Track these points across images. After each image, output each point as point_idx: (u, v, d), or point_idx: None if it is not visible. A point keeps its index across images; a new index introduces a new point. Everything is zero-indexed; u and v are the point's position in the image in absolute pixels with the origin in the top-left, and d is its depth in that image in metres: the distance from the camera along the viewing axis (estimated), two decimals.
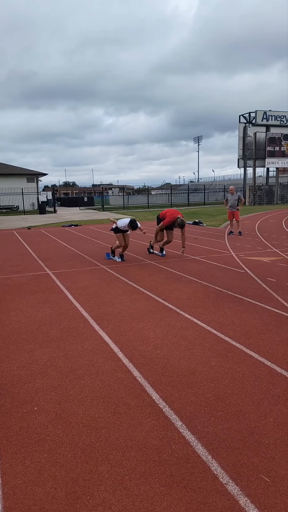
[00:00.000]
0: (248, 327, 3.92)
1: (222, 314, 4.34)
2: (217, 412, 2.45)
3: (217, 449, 2.10)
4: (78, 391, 2.75)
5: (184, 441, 2.17)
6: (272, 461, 2.01)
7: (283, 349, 3.36)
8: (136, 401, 2.60)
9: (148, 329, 3.94)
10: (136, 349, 3.45)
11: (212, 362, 3.14)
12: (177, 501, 1.76)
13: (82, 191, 78.03)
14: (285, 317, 4.22)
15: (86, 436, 2.24)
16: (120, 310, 4.58)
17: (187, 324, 4.06)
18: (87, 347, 3.51)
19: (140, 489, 1.84)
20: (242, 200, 11.76)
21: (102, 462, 2.03)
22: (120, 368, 3.09)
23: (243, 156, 31.69)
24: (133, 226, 7.45)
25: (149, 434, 2.25)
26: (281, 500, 1.76)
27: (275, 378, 2.87)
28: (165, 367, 3.08)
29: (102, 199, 33.98)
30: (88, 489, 1.85)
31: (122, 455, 2.08)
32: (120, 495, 1.80)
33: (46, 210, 28.81)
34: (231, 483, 1.86)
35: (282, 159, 32.14)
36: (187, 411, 2.46)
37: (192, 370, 3.02)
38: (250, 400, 2.58)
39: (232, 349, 3.39)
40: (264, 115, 31.89)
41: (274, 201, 33.24)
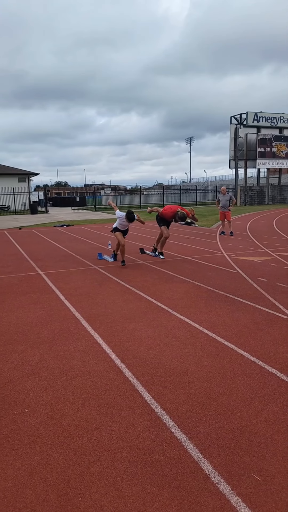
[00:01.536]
0: (239, 327, 3.94)
1: (214, 314, 4.36)
2: (208, 411, 2.46)
3: (209, 449, 2.11)
4: (70, 392, 2.74)
5: (176, 441, 2.18)
6: (263, 460, 2.02)
7: (274, 348, 3.39)
8: (128, 401, 2.60)
9: (140, 329, 3.94)
10: (128, 349, 3.44)
11: (204, 362, 3.15)
12: (169, 501, 1.76)
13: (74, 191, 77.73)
14: (275, 316, 4.25)
15: (77, 438, 2.23)
16: (112, 311, 4.58)
17: (179, 324, 4.07)
18: (79, 348, 3.50)
19: (132, 489, 1.84)
20: (233, 200, 11.83)
21: (94, 464, 2.02)
22: (112, 368, 3.08)
23: (234, 157, 31.88)
24: (130, 218, 7.12)
25: (141, 434, 2.25)
26: (271, 499, 1.77)
27: (266, 377, 2.89)
28: (157, 367, 3.09)
29: (95, 199, 33.89)
30: (80, 491, 1.84)
31: (114, 456, 2.08)
32: (112, 496, 1.80)
33: (38, 210, 28.62)
34: (223, 482, 1.87)
35: (273, 160, 32.42)
36: (179, 411, 2.47)
37: (184, 370, 3.03)
38: (241, 399, 2.59)
39: (223, 349, 3.41)
40: (255, 117, 32.13)
41: (265, 201, 33.50)
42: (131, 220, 7.18)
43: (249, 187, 33.52)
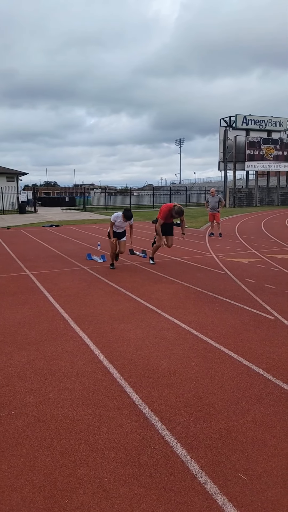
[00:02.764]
0: (227, 327, 3.97)
1: (202, 315, 4.39)
2: (196, 412, 2.47)
3: (196, 449, 2.12)
4: (57, 394, 2.72)
5: (164, 442, 2.18)
6: (250, 460, 2.04)
7: (261, 349, 3.43)
8: (116, 402, 2.59)
9: (129, 330, 3.94)
10: (117, 350, 3.44)
11: (192, 363, 3.17)
12: (156, 502, 1.77)
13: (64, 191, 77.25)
14: (263, 317, 4.30)
15: (65, 439, 2.22)
16: (101, 312, 4.56)
17: (168, 324, 4.08)
18: (67, 349, 3.48)
19: (119, 491, 1.83)
20: (222, 202, 11.91)
21: (81, 465, 2.01)
22: (100, 369, 3.07)
23: (223, 159, 32.14)
24: (127, 215, 6.66)
25: (128, 435, 2.25)
26: (257, 498, 1.79)
27: (253, 377, 2.92)
28: (146, 368, 3.09)
29: (84, 199, 33.73)
30: (67, 493, 1.83)
31: (102, 457, 2.07)
32: (99, 498, 1.79)
33: (27, 210, 28.36)
34: (209, 482, 1.88)
35: (261, 163, 32.78)
36: (167, 412, 2.47)
37: (172, 370, 3.04)
38: (228, 400, 2.61)
39: (211, 349, 3.43)
40: (244, 119, 32.44)
41: (253, 203, 33.85)
42: (128, 217, 6.69)
43: (238, 189, 33.81)
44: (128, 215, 6.68)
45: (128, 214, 6.69)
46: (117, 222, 6.83)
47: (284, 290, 5.44)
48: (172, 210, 6.96)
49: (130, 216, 6.72)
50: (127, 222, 6.84)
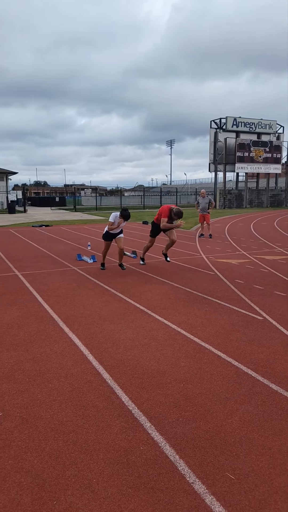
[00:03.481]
0: (216, 328, 4.00)
1: (192, 315, 4.41)
2: (185, 412, 2.49)
3: (185, 449, 2.13)
4: (46, 395, 2.70)
5: (153, 442, 2.19)
6: (237, 459, 2.06)
7: (249, 349, 3.46)
8: (105, 403, 2.59)
9: (119, 331, 3.93)
10: (106, 351, 3.43)
11: (182, 363, 3.18)
12: (144, 502, 1.77)
13: (54, 191, 76.77)
14: (251, 318, 4.34)
15: (53, 441, 2.21)
16: (91, 312, 4.55)
17: (158, 325, 4.09)
18: (56, 350, 3.46)
19: (108, 491, 1.83)
20: (212, 203, 11.99)
21: (70, 466, 2.00)
22: (89, 370, 3.06)
23: (214, 160, 32.34)
24: (125, 215, 6.56)
25: (117, 436, 2.24)
26: (245, 497, 1.81)
27: (241, 377, 2.95)
28: (135, 368, 3.09)
29: (74, 200, 33.59)
30: (55, 494, 1.82)
31: (90, 458, 2.06)
32: (87, 499, 1.79)
33: (16, 210, 28.10)
34: (198, 482, 1.89)
35: (251, 165, 33.08)
36: (156, 412, 2.48)
37: (161, 371, 3.05)
38: (217, 400, 2.63)
39: (201, 350, 3.45)
40: (234, 122, 32.70)
41: (243, 205, 34.14)
42: (126, 217, 6.60)
43: (228, 190, 34.06)
44: (126, 215, 6.60)
45: (126, 213, 6.61)
46: (115, 222, 6.72)
47: (273, 291, 5.50)
48: (171, 211, 6.87)
49: (128, 216, 6.62)
50: (125, 222, 6.77)
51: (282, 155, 34.76)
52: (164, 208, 7.03)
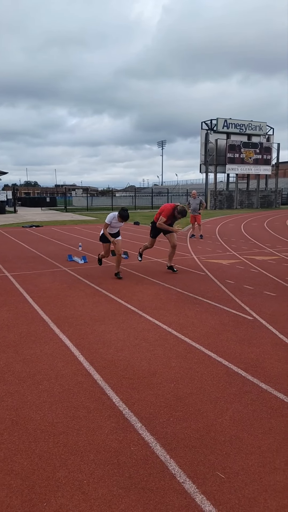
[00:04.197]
0: (207, 328, 4.02)
1: (183, 316, 4.42)
2: (176, 412, 2.49)
3: (175, 449, 2.14)
4: (36, 397, 2.68)
5: (143, 443, 2.19)
6: (228, 458, 2.07)
7: (239, 349, 3.49)
8: (96, 404, 2.58)
9: (110, 331, 3.93)
10: (97, 352, 3.43)
11: (172, 363, 3.19)
12: (135, 503, 1.77)
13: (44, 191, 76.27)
14: (242, 318, 4.37)
15: (43, 442, 2.20)
16: (82, 313, 4.53)
17: (149, 326, 4.10)
18: (46, 351, 3.44)
19: (98, 492, 1.83)
20: (203, 204, 12.05)
21: (60, 468, 1.99)
22: (80, 371, 3.05)
23: (204, 161, 32.53)
24: (123, 215, 6.18)
25: (108, 437, 2.24)
26: (235, 496, 1.82)
27: (231, 377, 2.97)
28: (126, 369, 3.09)
29: (65, 200, 33.42)
30: (45, 496, 1.81)
31: (81, 459, 2.06)
32: (77, 500, 1.78)
33: (6, 210, 27.84)
34: (188, 482, 1.90)
35: (242, 166, 33.35)
36: (147, 413, 2.48)
37: (152, 371, 3.05)
38: (207, 399, 2.65)
39: (191, 350, 3.47)
40: (225, 123, 32.94)
41: (234, 206, 34.38)
42: (125, 218, 6.23)
43: (218, 191, 34.27)
44: (125, 215, 6.22)
45: (125, 214, 6.22)
46: (112, 223, 6.40)
47: (263, 291, 5.55)
48: (175, 209, 6.58)
49: (127, 216, 6.24)
50: (122, 223, 6.44)
51: (272, 157, 35.12)
52: (166, 207, 6.71)
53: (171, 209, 6.61)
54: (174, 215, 6.61)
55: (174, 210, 6.58)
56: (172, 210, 6.59)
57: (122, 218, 6.24)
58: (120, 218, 6.24)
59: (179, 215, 6.57)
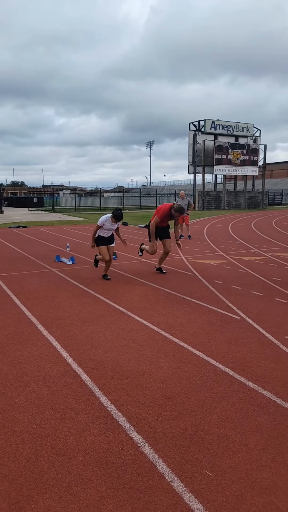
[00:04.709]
0: (195, 328, 4.05)
1: (171, 316, 4.44)
2: (164, 412, 2.51)
3: (164, 448, 2.15)
4: (24, 399, 2.66)
5: (132, 443, 2.19)
6: (215, 456, 2.09)
7: (227, 348, 3.52)
8: (85, 405, 2.58)
9: (98, 332, 3.92)
10: (86, 353, 3.41)
11: (161, 363, 3.20)
12: (123, 503, 1.77)
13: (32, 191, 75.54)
14: (229, 317, 4.42)
15: (31, 445, 2.18)
16: (70, 314, 4.51)
17: (137, 326, 4.10)
18: (34, 353, 3.41)
19: (87, 493, 1.83)
20: (191, 205, 12.12)
21: (48, 470, 1.98)
22: (68, 373, 3.04)
23: (193, 162, 32.70)
24: (117, 215, 5.98)
25: (96, 438, 2.24)
26: (222, 494, 1.84)
27: (219, 376, 3.00)
28: (114, 370, 3.09)
29: (53, 200, 33.16)
30: (33, 498, 1.80)
31: (69, 461, 2.05)
32: (65, 501, 1.78)
33: None
34: (176, 480, 1.91)
35: (229, 167, 33.64)
36: (135, 413, 2.49)
37: (141, 371, 3.06)
38: (196, 399, 2.67)
39: (180, 350, 3.48)
40: (213, 124, 33.19)
41: (221, 206, 34.66)
42: (118, 218, 6.01)
43: (206, 192, 34.50)
44: (119, 215, 5.99)
45: (119, 213, 5.99)
46: (105, 225, 6.15)
47: (250, 291, 5.62)
48: (172, 208, 6.41)
49: (121, 216, 6.02)
50: (116, 224, 6.20)
51: (259, 158, 35.52)
52: (162, 207, 6.56)
53: (168, 209, 6.47)
54: (171, 214, 6.49)
55: (171, 210, 6.45)
56: (169, 210, 6.47)
57: (116, 218, 6.04)
58: (114, 218, 6.04)
59: (176, 213, 6.43)
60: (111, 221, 6.13)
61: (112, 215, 6.05)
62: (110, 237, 6.38)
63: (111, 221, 6.11)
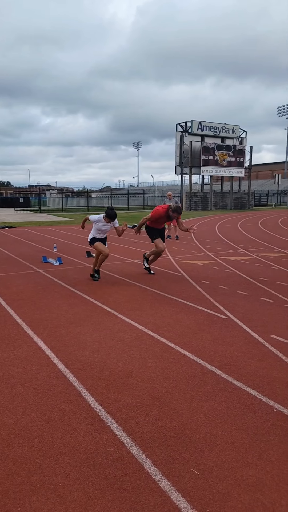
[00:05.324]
0: (182, 328, 4.07)
1: (159, 316, 4.46)
2: (152, 411, 2.51)
3: (151, 448, 2.15)
4: (10, 401, 2.63)
5: (119, 443, 2.19)
6: (202, 455, 2.11)
7: (214, 348, 3.55)
8: (72, 406, 2.56)
9: (86, 333, 3.91)
10: (73, 354, 3.40)
11: (148, 363, 3.21)
12: (111, 503, 1.77)
13: (18, 191, 74.66)
14: (216, 317, 4.46)
15: (17, 447, 2.16)
16: (57, 315, 4.48)
17: (125, 326, 4.10)
18: (20, 355, 3.38)
19: (74, 495, 1.82)
20: (179, 205, 12.16)
21: (35, 472, 1.97)
22: (55, 374, 3.02)
23: (180, 163, 32.85)
24: (110, 214, 5.81)
25: (84, 439, 2.23)
26: (209, 491, 1.86)
27: (206, 375, 3.02)
28: (102, 370, 3.08)
29: (39, 200, 32.85)
30: (19, 501, 1.78)
31: (56, 462, 2.04)
32: (52, 503, 1.77)
33: None
34: (164, 480, 1.92)
35: (216, 168, 33.93)
36: (123, 413, 2.49)
37: (128, 372, 3.06)
38: (183, 398, 2.68)
39: (167, 350, 3.50)
40: (199, 125, 33.43)
41: (208, 207, 34.92)
42: (111, 217, 5.84)
43: (194, 193, 34.71)
44: (112, 214, 5.81)
45: (112, 212, 5.81)
46: (98, 225, 6.03)
47: (236, 290, 5.68)
48: (169, 209, 6.23)
49: (114, 215, 5.84)
50: (111, 224, 6.01)
51: (245, 159, 35.93)
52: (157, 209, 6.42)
53: (163, 213, 6.31)
54: (168, 216, 6.33)
55: (167, 211, 6.28)
56: (165, 212, 6.31)
57: (110, 218, 5.86)
58: (108, 218, 5.86)
59: (174, 214, 6.26)
60: (104, 221, 5.95)
61: (106, 215, 5.88)
62: (104, 238, 6.27)
63: (105, 221, 5.94)
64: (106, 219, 5.90)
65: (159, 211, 6.37)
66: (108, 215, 5.86)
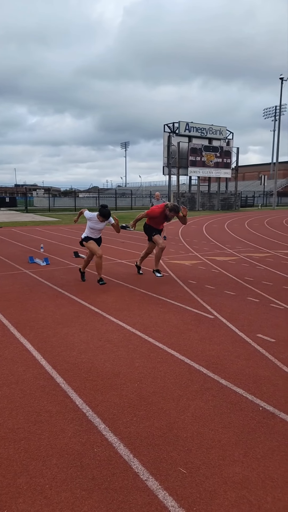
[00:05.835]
0: (170, 328, 4.09)
1: (146, 316, 4.47)
2: (139, 411, 2.52)
3: (139, 448, 2.16)
4: None
5: (107, 443, 2.19)
6: (189, 453, 2.13)
7: (201, 347, 3.58)
8: (59, 407, 2.55)
9: (73, 334, 3.89)
10: (60, 355, 3.38)
11: (136, 363, 3.22)
12: (98, 503, 1.77)
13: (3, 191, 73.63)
14: (203, 316, 4.49)
15: (3, 449, 2.13)
16: (44, 316, 4.44)
17: (113, 327, 4.10)
18: (6, 356, 3.34)
19: (61, 496, 1.81)
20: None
21: (21, 474, 1.95)
22: (42, 375, 3.00)
23: (167, 164, 32.97)
24: (104, 213, 5.63)
25: (71, 440, 2.22)
26: (196, 490, 1.87)
27: (193, 374, 3.04)
28: (89, 371, 3.07)
29: (26, 200, 32.49)
30: (5, 503, 1.76)
31: (43, 464, 2.02)
32: (39, 505, 1.75)
33: None
34: (151, 479, 1.93)
35: (203, 169, 34.17)
36: (110, 413, 2.49)
37: (116, 372, 3.06)
38: (170, 397, 2.70)
39: (155, 349, 3.51)
40: (187, 126, 33.61)
41: (196, 207, 35.14)
42: (105, 215, 5.66)
43: (181, 193, 34.88)
44: (106, 212, 5.62)
45: (105, 210, 5.62)
46: (91, 223, 5.86)
47: (223, 290, 5.73)
48: (165, 208, 6.04)
49: (108, 213, 5.65)
50: (104, 223, 5.84)
51: (232, 160, 36.30)
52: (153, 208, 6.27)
53: (158, 212, 6.17)
54: (165, 215, 6.15)
55: (164, 211, 6.11)
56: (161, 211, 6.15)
57: (103, 216, 5.69)
58: (101, 217, 5.69)
59: (171, 213, 6.04)
60: (97, 220, 5.79)
61: (99, 214, 5.70)
62: (99, 238, 6.12)
63: (98, 220, 5.78)
64: (100, 217, 5.73)
65: (155, 210, 6.23)
66: (102, 214, 5.68)
